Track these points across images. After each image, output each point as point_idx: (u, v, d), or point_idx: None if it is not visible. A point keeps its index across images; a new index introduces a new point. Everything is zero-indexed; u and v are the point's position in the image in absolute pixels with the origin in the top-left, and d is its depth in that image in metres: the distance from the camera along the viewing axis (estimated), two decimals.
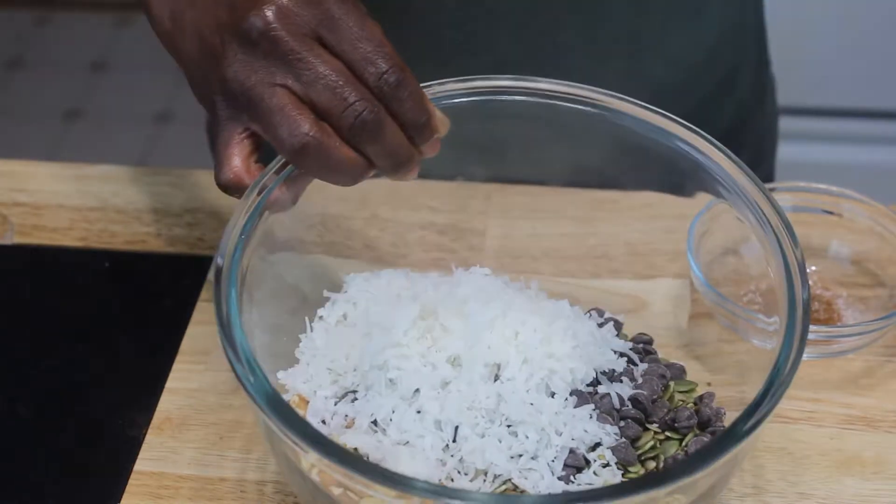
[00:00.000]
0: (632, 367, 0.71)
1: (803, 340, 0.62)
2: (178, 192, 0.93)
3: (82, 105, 2.37)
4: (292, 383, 0.69)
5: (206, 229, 0.90)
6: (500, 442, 0.64)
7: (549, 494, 0.63)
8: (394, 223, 0.84)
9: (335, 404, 0.68)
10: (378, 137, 0.63)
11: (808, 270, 0.68)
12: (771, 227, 0.67)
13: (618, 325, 0.74)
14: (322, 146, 0.63)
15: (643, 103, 0.72)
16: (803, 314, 0.63)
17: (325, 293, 0.73)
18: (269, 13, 0.63)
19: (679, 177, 0.73)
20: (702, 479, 0.59)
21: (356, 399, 0.67)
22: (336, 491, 0.61)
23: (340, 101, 0.62)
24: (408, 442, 0.65)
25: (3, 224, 0.91)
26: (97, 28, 2.53)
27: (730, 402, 0.70)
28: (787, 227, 0.67)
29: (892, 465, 0.74)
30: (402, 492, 0.57)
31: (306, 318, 0.72)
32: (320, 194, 0.70)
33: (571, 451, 0.65)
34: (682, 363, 0.74)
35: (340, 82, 0.62)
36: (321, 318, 0.72)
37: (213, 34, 0.65)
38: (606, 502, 0.56)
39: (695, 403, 0.71)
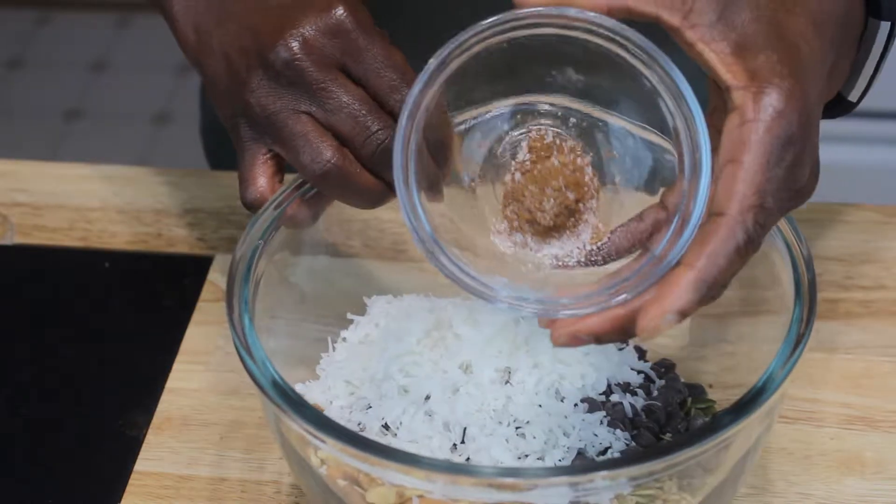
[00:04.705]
0: (649, 383, 0.70)
1: (811, 323, 0.62)
2: (178, 192, 0.93)
3: (82, 105, 2.37)
4: (310, 395, 0.70)
5: (206, 229, 0.90)
6: (507, 442, 0.64)
7: (555, 466, 0.63)
8: (394, 223, 0.84)
9: (349, 413, 0.68)
10: None
11: None
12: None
13: (640, 351, 0.73)
14: (344, 173, 0.64)
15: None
16: (809, 290, 0.63)
17: (349, 315, 0.74)
18: (295, 44, 0.64)
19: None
20: (708, 455, 0.59)
21: (370, 407, 0.68)
22: (342, 483, 0.61)
23: (363, 130, 0.64)
24: (416, 442, 0.65)
25: (3, 224, 0.91)
26: (97, 28, 2.53)
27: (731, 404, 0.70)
28: (789, 219, 0.66)
29: (893, 465, 0.74)
30: (409, 466, 0.57)
31: (329, 339, 0.72)
32: None
33: (579, 453, 0.65)
34: (700, 384, 0.72)
35: (363, 111, 0.64)
36: (344, 339, 0.73)
37: (238, 58, 0.66)
38: (608, 471, 0.57)
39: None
